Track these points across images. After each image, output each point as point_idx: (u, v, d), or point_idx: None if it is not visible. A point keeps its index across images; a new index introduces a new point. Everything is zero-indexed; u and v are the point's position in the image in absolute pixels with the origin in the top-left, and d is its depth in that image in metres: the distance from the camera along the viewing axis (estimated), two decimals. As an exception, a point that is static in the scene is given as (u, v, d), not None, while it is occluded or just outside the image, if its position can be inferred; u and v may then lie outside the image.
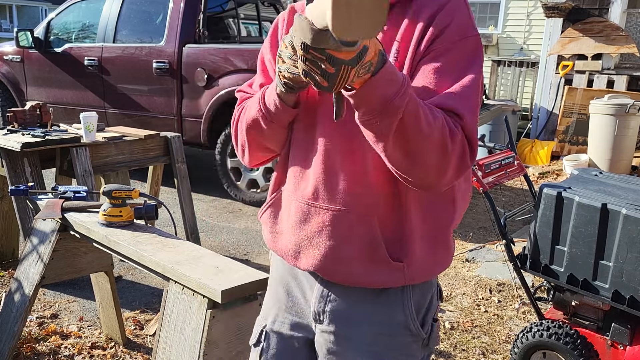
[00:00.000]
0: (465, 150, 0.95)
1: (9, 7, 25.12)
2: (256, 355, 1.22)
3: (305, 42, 0.77)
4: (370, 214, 1.04)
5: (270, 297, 1.25)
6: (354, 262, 1.06)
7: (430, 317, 1.13)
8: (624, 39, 6.69)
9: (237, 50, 4.72)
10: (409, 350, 1.11)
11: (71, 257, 2.20)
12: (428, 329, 1.12)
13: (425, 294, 1.12)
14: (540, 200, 2.19)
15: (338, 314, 1.11)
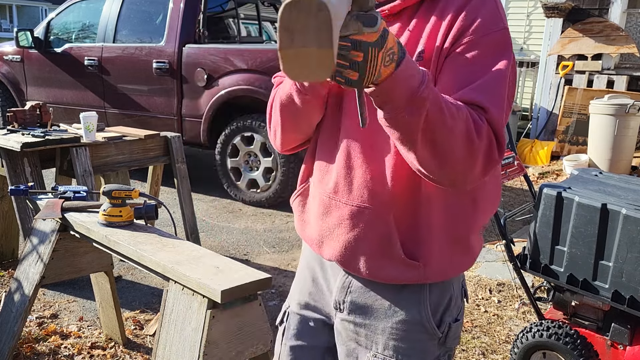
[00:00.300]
0: (492, 143, 0.93)
1: (9, 7, 25.12)
2: (280, 334, 1.30)
3: None
4: (387, 212, 1.05)
5: (297, 282, 1.31)
6: (370, 257, 1.08)
7: (448, 316, 1.13)
8: (624, 39, 6.69)
9: (237, 50, 4.72)
10: (423, 347, 1.12)
11: (71, 257, 2.20)
12: (445, 328, 1.12)
13: (444, 293, 1.12)
14: (540, 200, 2.19)
15: (357, 305, 1.14)
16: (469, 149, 0.91)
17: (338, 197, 1.10)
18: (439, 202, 1.05)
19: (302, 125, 1.13)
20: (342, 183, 1.09)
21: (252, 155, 4.82)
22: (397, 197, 1.04)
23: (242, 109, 4.83)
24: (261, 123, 4.62)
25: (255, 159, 4.81)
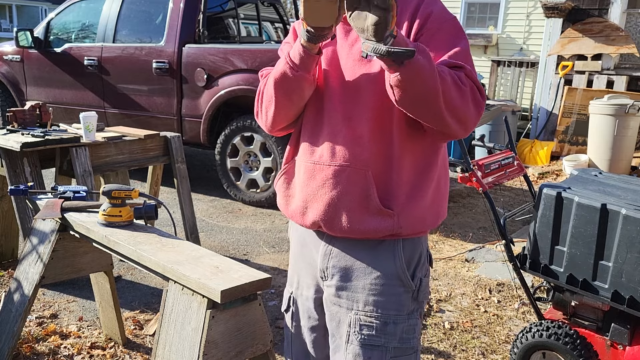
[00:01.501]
0: (474, 88, 1.16)
1: (8, 7, 25.11)
2: (288, 319, 1.49)
3: None
4: (365, 169, 1.23)
5: (291, 267, 1.51)
6: (350, 211, 1.24)
7: (419, 272, 1.30)
8: (624, 39, 6.69)
9: (237, 50, 4.72)
10: (400, 299, 1.27)
11: (71, 257, 2.20)
12: (417, 282, 1.28)
13: (415, 249, 1.29)
14: (540, 200, 2.19)
15: (338, 268, 1.31)
16: (461, 94, 1.13)
17: (322, 161, 1.26)
18: (408, 160, 1.24)
19: (294, 99, 1.28)
20: (326, 149, 1.26)
21: (251, 155, 4.82)
22: (373, 156, 1.23)
23: (242, 109, 4.83)
24: (261, 123, 4.62)
25: (255, 159, 4.81)
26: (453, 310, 3.04)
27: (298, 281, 1.46)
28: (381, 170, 1.23)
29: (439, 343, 2.71)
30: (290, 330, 1.48)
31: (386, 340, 1.26)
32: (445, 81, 1.10)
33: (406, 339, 1.28)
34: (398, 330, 1.27)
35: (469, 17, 8.99)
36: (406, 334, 1.28)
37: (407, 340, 1.28)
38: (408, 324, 1.28)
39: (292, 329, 1.48)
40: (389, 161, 1.23)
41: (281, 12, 6.59)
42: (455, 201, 5.15)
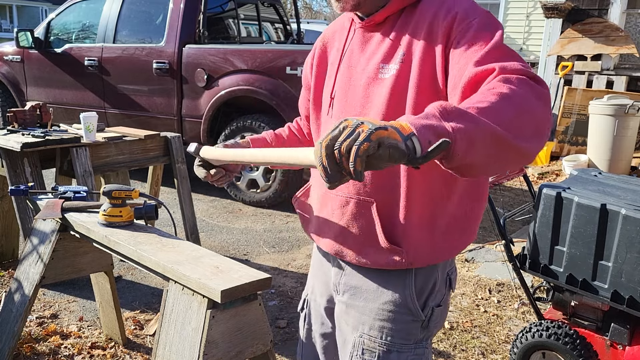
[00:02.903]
0: (524, 80, 0.94)
1: (9, 7, 25.11)
2: (301, 320, 1.49)
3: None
4: (370, 201, 1.16)
5: (310, 272, 1.48)
6: (358, 245, 1.20)
7: (432, 301, 1.20)
8: (624, 39, 6.69)
9: (237, 51, 4.72)
10: (407, 328, 1.20)
11: (71, 257, 2.21)
12: (428, 312, 1.20)
13: (429, 279, 1.20)
14: (539, 200, 2.19)
15: (349, 286, 1.26)
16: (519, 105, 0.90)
17: (331, 191, 1.21)
18: (418, 192, 1.14)
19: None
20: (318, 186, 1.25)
21: (252, 156, 4.82)
22: (378, 188, 1.15)
23: (242, 109, 4.84)
24: (261, 123, 4.62)
25: (255, 159, 4.81)
26: (453, 310, 3.04)
27: (313, 287, 1.45)
28: (387, 203, 1.15)
29: (439, 343, 2.71)
30: (302, 332, 1.48)
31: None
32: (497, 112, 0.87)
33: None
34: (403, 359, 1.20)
35: (469, 18, 8.99)
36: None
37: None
38: (414, 354, 1.21)
39: (304, 332, 1.47)
40: (395, 193, 1.14)
41: (281, 13, 6.60)
42: (455, 201, 5.14)
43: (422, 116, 0.84)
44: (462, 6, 1.07)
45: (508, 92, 0.89)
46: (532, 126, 0.91)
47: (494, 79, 0.94)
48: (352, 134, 0.78)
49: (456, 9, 1.06)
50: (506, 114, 0.87)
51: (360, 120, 0.80)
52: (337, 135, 0.80)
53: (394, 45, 1.13)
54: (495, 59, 0.98)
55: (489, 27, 1.04)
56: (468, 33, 1.03)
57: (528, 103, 0.91)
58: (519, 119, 0.89)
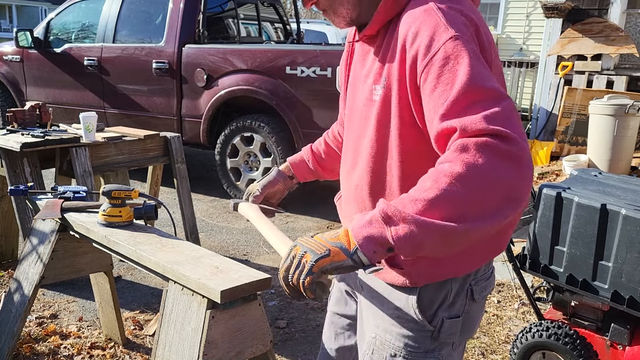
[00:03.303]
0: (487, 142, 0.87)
1: (8, 7, 25.10)
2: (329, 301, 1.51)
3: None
4: None
5: None
6: None
7: (443, 312, 1.16)
8: (624, 39, 6.69)
9: (236, 51, 4.72)
10: (415, 336, 1.17)
11: (71, 257, 2.20)
12: (438, 323, 1.16)
13: (440, 291, 1.16)
14: (539, 200, 2.19)
15: (367, 287, 1.28)
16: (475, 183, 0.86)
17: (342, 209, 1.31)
18: None
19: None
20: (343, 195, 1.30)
21: (251, 156, 4.82)
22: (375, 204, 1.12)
23: (241, 109, 4.83)
24: (261, 123, 4.62)
25: (254, 159, 4.81)
26: (453, 311, 3.04)
27: (343, 279, 1.44)
28: None
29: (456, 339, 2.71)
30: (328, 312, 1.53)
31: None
32: (447, 201, 0.85)
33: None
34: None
35: (469, 18, 8.99)
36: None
37: None
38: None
39: (328, 311, 1.51)
40: None
41: (281, 13, 6.60)
42: (455, 201, 5.15)
43: (366, 223, 0.89)
44: (426, 33, 0.99)
45: (461, 171, 0.85)
46: (495, 199, 0.87)
47: (451, 146, 0.89)
48: (298, 266, 0.91)
49: (419, 40, 0.99)
50: (458, 200, 0.85)
51: (305, 248, 0.91)
52: (289, 266, 0.92)
53: (382, 63, 1.11)
54: (458, 112, 0.91)
55: (452, 61, 0.95)
56: (432, 71, 0.97)
57: (488, 176, 0.86)
58: (475, 198, 0.86)
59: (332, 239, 0.92)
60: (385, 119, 1.10)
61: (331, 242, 0.91)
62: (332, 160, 1.49)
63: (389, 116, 1.09)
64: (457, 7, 1.02)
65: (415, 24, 1.01)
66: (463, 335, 1.21)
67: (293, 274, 0.91)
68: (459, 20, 1.00)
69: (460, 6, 1.03)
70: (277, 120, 4.55)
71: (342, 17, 1.15)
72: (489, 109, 0.89)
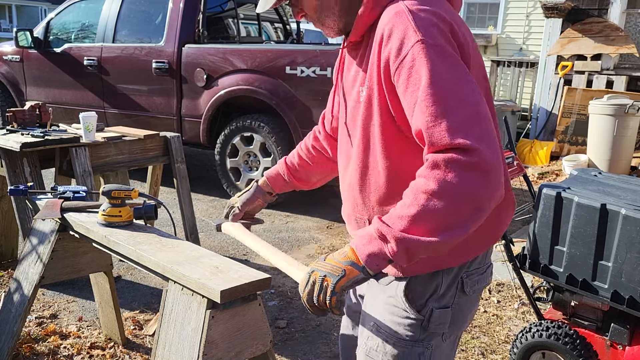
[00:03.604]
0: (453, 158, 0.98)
1: (8, 7, 25.09)
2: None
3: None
4: (364, 217, 1.28)
5: None
6: None
7: (432, 302, 1.21)
8: (624, 39, 6.69)
9: (236, 50, 4.72)
10: (405, 324, 1.23)
11: (70, 257, 2.20)
12: (427, 312, 1.21)
13: (430, 282, 1.21)
14: (539, 200, 2.19)
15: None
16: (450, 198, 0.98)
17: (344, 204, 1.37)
18: None
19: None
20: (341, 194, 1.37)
21: (251, 155, 4.82)
22: (367, 207, 1.25)
23: (241, 109, 4.83)
24: (260, 123, 4.62)
25: (254, 159, 4.81)
26: (453, 310, 3.04)
27: None
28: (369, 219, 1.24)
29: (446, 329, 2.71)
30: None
31: (383, 359, 1.25)
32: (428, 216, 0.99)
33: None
34: (398, 355, 1.23)
35: (469, 17, 8.98)
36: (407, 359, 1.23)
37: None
38: (412, 351, 1.22)
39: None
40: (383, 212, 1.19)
41: (281, 13, 6.60)
42: (455, 201, 5.14)
43: (366, 242, 1.04)
44: (397, 36, 1.06)
45: (435, 188, 0.98)
46: (467, 207, 0.99)
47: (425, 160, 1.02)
48: (321, 290, 1.03)
49: (391, 43, 1.07)
50: (436, 213, 0.99)
51: (323, 272, 1.04)
52: (311, 291, 1.05)
53: (365, 67, 1.18)
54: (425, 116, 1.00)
55: (417, 64, 1.03)
56: (402, 73, 1.05)
57: (458, 189, 0.97)
58: (450, 210, 0.99)
59: (342, 259, 1.04)
60: (369, 119, 1.17)
61: (343, 262, 1.03)
62: (306, 172, 1.58)
63: (372, 115, 1.16)
64: (430, 9, 1.08)
65: (388, 26, 1.08)
66: (453, 327, 1.25)
67: (317, 296, 1.03)
68: (429, 23, 1.06)
69: (433, 7, 1.09)
70: (277, 120, 4.55)
71: (330, 28, 1.23)
72: (451, 118, 0.99)
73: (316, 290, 1.04)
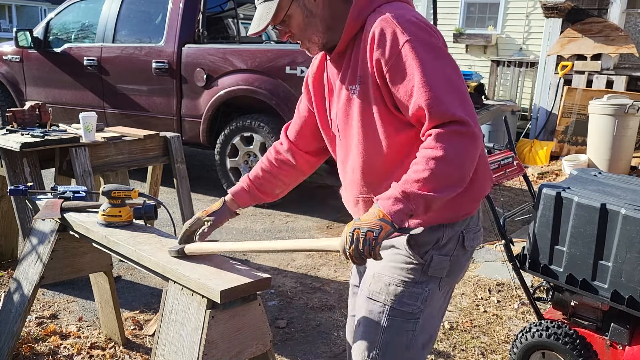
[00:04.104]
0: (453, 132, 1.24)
1: (8, 7, 25.09)
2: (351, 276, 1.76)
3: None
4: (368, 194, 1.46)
5: None
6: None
7: (433, 252, 1.41)
8: (623, 39, 6.69)
9: (236, 50, 4.72)
10: (408, 268, 1.42)
11: (70, 257, 2.20)
12: (428, 258, 1.41)
13: (432, 235, 1.41)
14: (539, 200, 2.19)
15: None
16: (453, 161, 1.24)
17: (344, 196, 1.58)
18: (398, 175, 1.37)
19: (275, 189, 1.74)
20: (343, 183, 1.56)
21: (251, 155, 4.82)
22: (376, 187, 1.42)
23: (241, 109, 4.83)
24: (260, 123, 4.62)
25: (254, 159, 4.81)
26: (453, 310, 3.04)
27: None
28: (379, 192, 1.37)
29: (439, 343, 2.71)
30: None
31: (386, 298, 1.42)
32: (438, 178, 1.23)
33: (407, 304, 1.41)
34: (399, 293, 1.41)
35: (469, 17, 8.98)
36: (407, 299, 1.41)
37: (407, 305, 1.41)
38: (411, 291, 1.41)
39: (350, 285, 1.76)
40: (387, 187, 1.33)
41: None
42: (455, 201, 5.14)
43: (392, 201, 1.23)
44: (388, 39, 1.28)
45: (442, 154, 1.23)
46: (468, 165, 1.26)
47: (429, 134, 1.26)
48: (366, 242, 1.20)
49: (383, 45, 1.29)
50: (444, 175, 1.24)
51: (365, 229, 1.20)
52: (357, 245, 1.20)
53: (354, 67, 1.38)
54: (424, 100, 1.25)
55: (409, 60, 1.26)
56: (397, 69, 1.28)
57: (459, 153, 1.24)
58: (454, 171, 1.24)
59: (375, 218, 1.22)
60: (367, 109, 1.38)
61: (377, 220, 1.21)
62: (270, 185, 1.71)
63: (370, 106, 1.37)
64: (409, 13, 1.32)
65: (377, 29, 1.30)
66: (449, 276, 1.45)
67: (364, 248, 1.19)
68: (412, 24, 1.29)
69: (410, 12, 1.33)
70: (277, 120, 4.55)
71: (315, 44, 1.42)
72: (448, 99, 1.25)
73: (361, 244, 1.20)
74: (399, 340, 1.41)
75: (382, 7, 1.35)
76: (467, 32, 8.77)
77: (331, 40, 1.42)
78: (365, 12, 1.36)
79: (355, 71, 1.38)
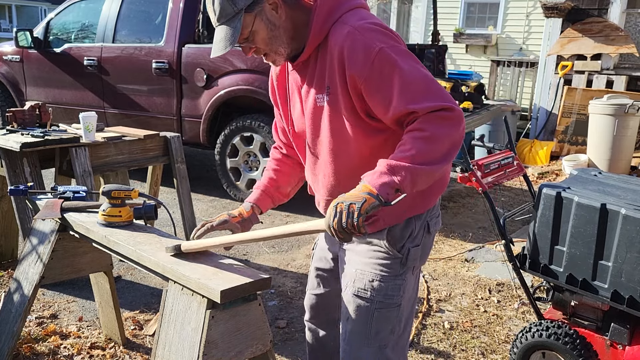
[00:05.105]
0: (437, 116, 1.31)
1: (8, 7, 25.10)
2: (311, 258, 1.89)
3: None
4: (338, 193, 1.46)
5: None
6: None
7: (409, 243, 1.53)
8: (623, 39, 6.69)
9: (236, 51, 4.72)
10: (388, 263, 1.52)
11: (70, 257, 2.20)
12: (405, 251, 1.52)
13: (406, 229, 1.52)
14: (539, 200, 2.19)
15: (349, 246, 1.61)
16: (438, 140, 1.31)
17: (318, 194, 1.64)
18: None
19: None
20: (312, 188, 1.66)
21: (251, 155, 4.82)
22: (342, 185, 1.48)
23: (241, 109, 4.83)
24: (260, 123, 4.62)
25: (254, 159, 4.81)
26: (453, 310, 3.04)
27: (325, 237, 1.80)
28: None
29: (439, 343, 2.71)
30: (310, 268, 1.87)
31: (372, 294, 1.53)
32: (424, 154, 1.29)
33: (390, 296, 1.53)
34: (383, 287, 1.52)
35: (469, 17, 8.99)
36: (391, 291, 1.53)
37: (391, 297, 1.53)
38: (394, 284, 1.53)
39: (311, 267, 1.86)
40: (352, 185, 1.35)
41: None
42: (455, 201, 5.15)
43: (377, 175, 1.27)
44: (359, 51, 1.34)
45: (428, 134, 1.29)
46: (448, 147, 1.32)
47: (417, 119, 1.32)
48: (349, 215, 1.21)
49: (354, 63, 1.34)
50: (430, 152, 1.30)
51: (348, 202, 1.23)
52: (340, 219, 1.22)
53: (321, 77, 1.43)
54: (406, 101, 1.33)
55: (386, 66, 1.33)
56: (373, 77, 1.34)
57: (443, 135, 1.31)
58: (438, 149, 1.30)
59: (360, 192, 1.25)
60: (337, 117, 1.44)
61: (361, 193, 1.24)
62: (286, 185, 1.78)
63: (339, 114, 1.43)
64: (369, 21, 1.38)
65: (346, 44, 1.35)
66: (420, 262, 1.57)
67: (347, 221, 1.21)
68: (377, 32, 1.36)
69: (371, 19, 1.40)
70: (277, 120, 4.54)
71: (281, 55, 1.46)
72: (428, 94, 1.33)
73: (344, 217, 1.22)
74: (386, 327, 1.55)
75: (344, 16, 1.40)
76: (467, 32, 8.77)
77: (294, 50, 1.47)
78: (328, 22, 1.40)
79: (322, 81, 1.43)
